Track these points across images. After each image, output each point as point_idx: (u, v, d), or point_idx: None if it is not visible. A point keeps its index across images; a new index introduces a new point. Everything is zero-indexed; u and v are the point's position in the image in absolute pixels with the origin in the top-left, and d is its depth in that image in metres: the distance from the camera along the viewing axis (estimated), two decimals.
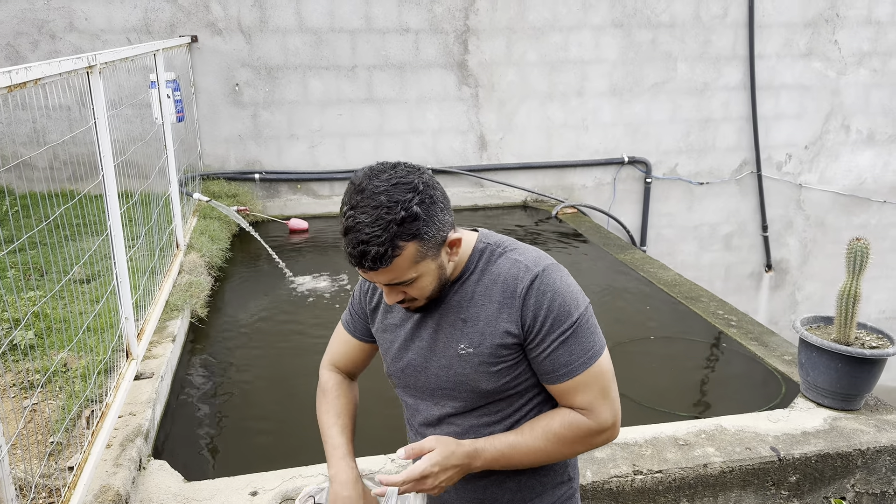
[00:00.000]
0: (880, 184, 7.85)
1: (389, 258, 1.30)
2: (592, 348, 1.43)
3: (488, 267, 1.46)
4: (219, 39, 6.23)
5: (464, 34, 6.59)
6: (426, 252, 1.35)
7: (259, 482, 2.50)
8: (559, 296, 1.41)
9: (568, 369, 1.41)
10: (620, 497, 2.56)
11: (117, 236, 2.91)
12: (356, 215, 1.30)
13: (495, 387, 1.45)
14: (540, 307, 1.39)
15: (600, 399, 1.43)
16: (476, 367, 1.44)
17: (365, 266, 1.32)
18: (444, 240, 1.38)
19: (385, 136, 6.67)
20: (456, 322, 1.46)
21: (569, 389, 1.43)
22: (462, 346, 1.45)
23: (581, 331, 1.41)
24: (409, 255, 1.32)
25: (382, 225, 1.28)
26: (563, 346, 1.41)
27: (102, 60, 2.82)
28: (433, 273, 1.39)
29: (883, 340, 3.04)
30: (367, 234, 1.28)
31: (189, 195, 5.42)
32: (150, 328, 3.42)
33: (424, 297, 1.43)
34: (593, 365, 1.42)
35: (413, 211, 1.30)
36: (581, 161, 7.14)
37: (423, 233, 1.32)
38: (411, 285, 1.39)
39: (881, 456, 2.77)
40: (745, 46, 7.08)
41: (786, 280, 7.94)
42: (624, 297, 4.66)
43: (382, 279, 1.37)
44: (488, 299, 1.44)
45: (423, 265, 1.36)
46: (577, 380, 1.42)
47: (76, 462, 2.30)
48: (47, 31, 5.96)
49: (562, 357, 1.41)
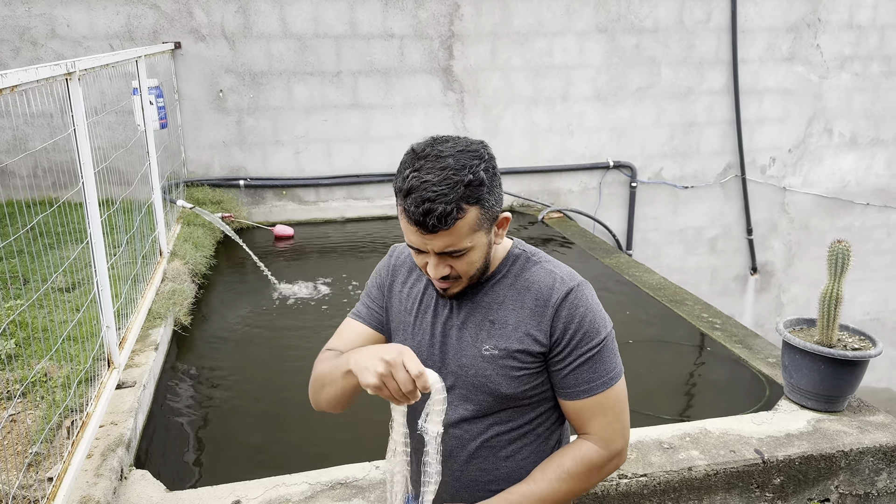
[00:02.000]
0: (863, 186, 7.92)
1: (453, 219, 1.28)
2: (614, 370, 1.45)
3: (522, 273, 1.47)
4: (202, 46, 6.20)
5: (449, 40, 6.60)
6: (483, 222, 1.35)
7: (242, 491, 2.48)
8: (591, 312, 1.43)
9: (589, 386, 1.43)
10: (605, 501, 2.56)
11: (98, 244, 2.89)
12: (421, 175, 1.28)
13: (514, 392, 1.44)
14: (571, 321, 1.41)
15: (615, 423, 1.45)
16: (499, 370, 1.43)
17: (428, 225, 1.29)
18: (497, 216, 1.39)
19: (371, 142, 6.67)
20: (483, 323, 1.46)
21: (585, 408, 1.44)
22: (487, 347, 1.44)
23: (606, 351, 1.44)
24: (469, 220, 1.31)
25: (450, 185, 1.27)
26: (588, 364, 1.42)
27: (82, 67, 2.80)
28: (483, 249, 1.39)
29: (865, 342, 3.06)
30: (434, 192, 1.27)
31: (173, 202, 5.39)
32: (132, 337, 3.39)
33: (468, 275, 1.40)
34: (613, 387, 1.44)
35: (480, 176, 1.30)
36: (567, 166, 7.16)
37: (485, 199, 1.32)
38: (461, 258, 1.36)
39: (864, 457, 2.78)
40: (728, 51, 7.13)
41: (771, 283, 7.99)
42: (609, 300, 4.67)
43: (439, 244, 1.33)
44: (519, 305, 1.44)
45: (478, 236, 1.35)
46: (595, 399, 1.43)
47: (56, 473, 2.27)
48: (28, 38, 5.91)
49: (584, 374, 1.43)
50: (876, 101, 7.64)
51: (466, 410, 1.48)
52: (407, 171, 1.31)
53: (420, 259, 1.41)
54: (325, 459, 2.67)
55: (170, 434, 3.08)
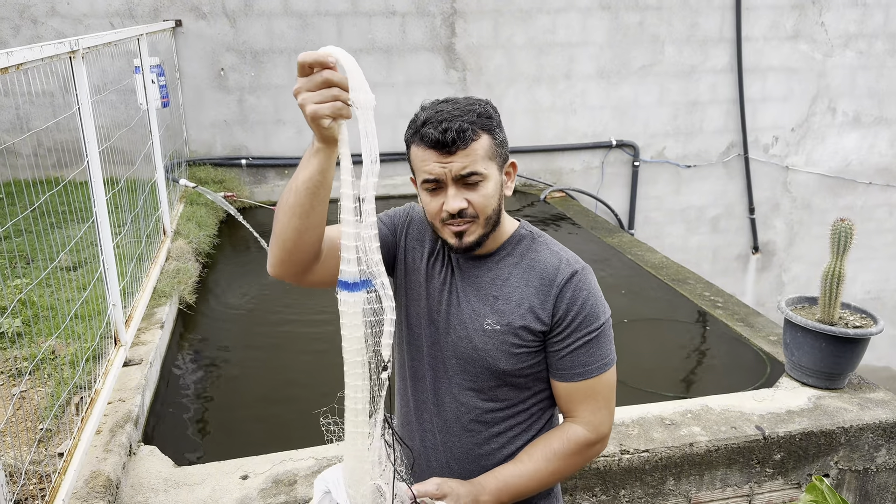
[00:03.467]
0: (866, 165, 7.90)
1: (470, 137, 1.36)
2: (609, 356, 1.49)
3: (528, 253, 1.49)
4: (203, 24, 6.16)
5: (451, 17, 6.55)
6: (495, 154, 1.41)
7: (250, 466, 2.52)
8: (592, 297, 1.46)
9: (584, 370, 1.46)
10: (608, 476, 2.59)
11: (103, 223, 2.90)
12: (436, 109, 1.40)
13: (511, 368, 1.46)
14: (574, 302, 1.43)
15: (604, 408, 1.49)
16: (499, 346, 1.45)
17: (448, 141, 1.34)
18: (506, 157, 1.46)
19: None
20: (487, 298, 1.47)
21: (578, 391, 1.47)
22: (489, 321, 1.45)
23: (603, 337, 1.47)
24: (484, 144, 1.39)
25: (463, 111, 1.38)
26: (586, 347, 1.45)
27: (85, 45, 2.79)
28: (497, 185, 1.42)
29: (866, 320, 3.08)
30: (451, 115, 1.36)
31: (175, 181, 5.39)
32: (138, 315, 3.41)
33: (484, 214, 1.40)
34: (606, 372, 1.48)
35: (488, 111, 1.42)
36: (569, 145, 7.14)
37: (495, 132, 1.41)
38: (477, 188, 1.39)
39: (864, 433, 2.81)
40: (732, 29, 7.08)
41: (772, 262, 8.00)
42: (611, 280, 4.69)
43: (457, 165, 1.36)
44: (524, 282, 1.46)
45: (491, 167, 1.40)
46: (589, 383, 1.46)
47: (66, 448, 2.30)
48: (29, 16, 5.88)
49: (581, 357, 1.45)
50: (880, 79, 7.60)
51: (463, 382, 1.49)
52: (419, 113, 1.42)
53: (436, 202, 1.39)
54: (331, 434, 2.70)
55: (177, 410, 3.11)
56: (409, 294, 1.56)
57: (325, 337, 3.83)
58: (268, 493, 2.38)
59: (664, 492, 2.68)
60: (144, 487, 2.41)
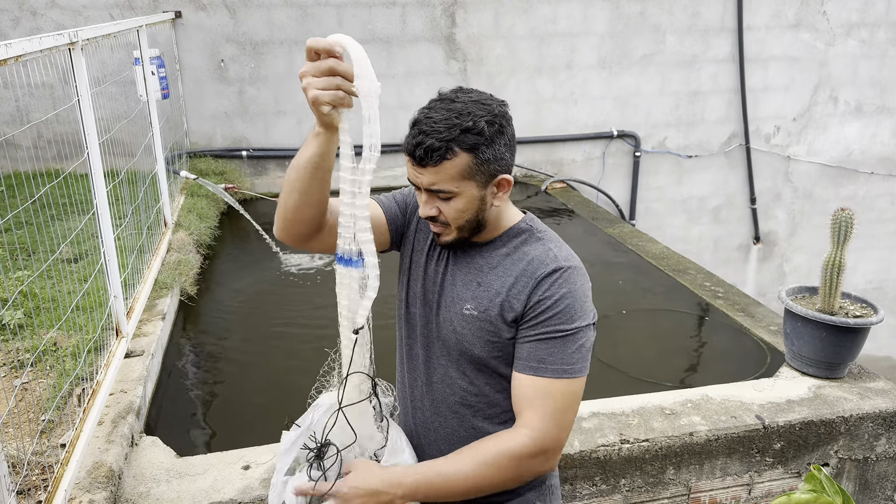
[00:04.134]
0: (868, 155, 7.88)
1: (440, 157, 1.32)
2: (573, 364, 1.38)
3: (522, 246, 1.47)
4: (203, 15, 6.15)
5: (451, 7, 6.53)
6: (475, 173, 1.36)
7: (251, 456, 2.53)
8: (571, 297, 1.39)
9: (539, 365, 1.38)
10: (608, 465, 2.60)
11: (104, 215, 2.90)
12: (429, 113, 1.35)
13: (485, 356, 1.46)
14: (550, 296, 1.38)
15: (550, 419, 1.36)
16: (475, 331, 1.45)
17: (416, 156, 1.34)
18: (494, 174, 1.39)
19: None
20: (471, 284, 1.47)
21: (527, 388, 1.38)
22: (468, 306, 1.46)
23: (572, 342, 1.38)
24: (459, 164, 1.34)
25: (448, 125, 1.32)
26: (548, 343, 1.38)
27: (85, 37, 2.78)
28: (473, 201, 1.39)
29: (867, 310, 3.08)
30: (431, 127, 1.32)
31: (176, 173, 5.39)
32: (139, 306, 3.42)
33: (455, 225, 1.42)
34: (563, 380, 1.37)
35: (479, 125, 1.33)
36: (570, 135, 7.13)
37: (480, 150, 1.34)
38: (447, 202, 1.38)
39: (864, 422, 2.82)
40: (733, 18, 7.05)
41: (774, 252, 7.99)
42: (612, 270, 4.69)
43: (426, 179, 1.36)
44: (508, 273, 1.44)
45: (466, 185, 1.37)
46: (542, 382, 1.37)
47: (68, 439, 2.31)
48: (28, 8, 5.86)
49: (540, 351, 1.38)
50: (882, 68, 7.57)
51: (449, 363, 1.51)
52: (420, 111, 1.38)
53: (419, 197, 1.44)
54: None
55: (178, 401, 3.13)
56: (411, 273, 1.58)
57: (327, 326, 3.84)
58: (269, 482, 2.38)
59: (664, 481, 2.69)
60: (146, 478, 2.42)
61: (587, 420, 2.72)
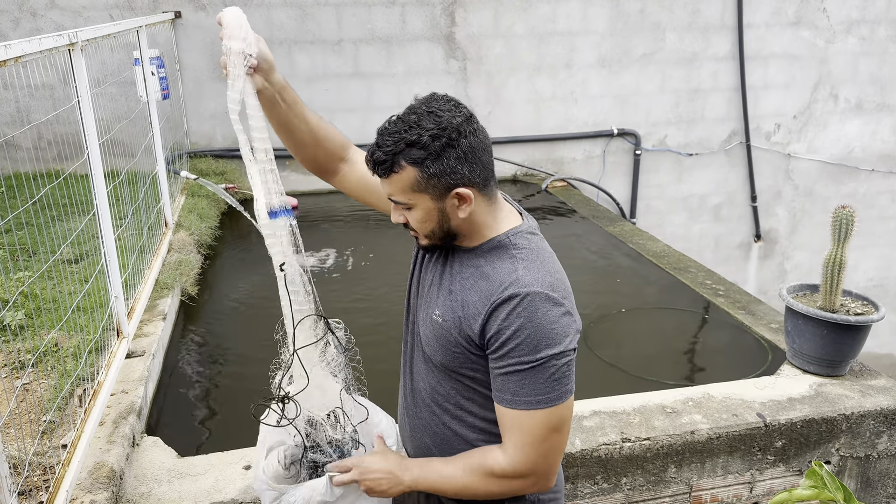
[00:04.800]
0: (868, 152, 7.87)
1: (387, 170, 1.36)
2: (549, 394, 1.35)
3: (493, 262, 1.42)
4: (202, 15, 6.14)
5: (451, 6, 6.52)
6: (425, 186, 1.36)
7: (253, 456, 2.52)
8: (531, 326, 1.33)
9: (513, 398, 1.37)
10: (609, 464, 2.60)
11: (104, 215, 2.90)
12: (387, 125, 1.38)
13: (446, 363, 1.46)
14: (508, 326, 1.34)
15: (528, 445, 1.37)
16: (437, 338, 1.46)
17: (370, 166, 1.39)
18: (449, 187, 1.36)
19: (373, 111, 6.63)
20: (444, 289, 1.47)
21: (505, 417, 1.39)
22: (437, 312, 1.46)
23: (542, 371, 1.34)
24: (406, 178, 1.36)
25: (396, 139, 1.34)
26: (517, 376, 1.35)
27: (84, 38, 2.78)
28: (431, 212, 1.40)
29: (868, 307, 3.08)
30: (382, 140, 1.36)
31: (176, 173, 5.39)
32: (140, 307, 3.42)
33: (422, 233, 1.45)
34: (539, 410, 1.35)
35: (422, 140, 1.33)
36: (570, 134, 7.12)
37: (425, 165, 1.34)
38: (409, 212, 1.42)
39: (865, 420, 2.82)
40: (733, 16, 7.05)
41: (775, 250, 7.99)
42: (613, 268, 4.69)
43: (385, 189, 1.42)
44: (473, 287, 1.42)
45: (418, 197, 1.38)
46: (516, 415, 1.37)
47: (70, 440, 2.31)
48: (28, 9, 5.86)
49: (511, 384, 1.36)
50: (882, 65, 7.56)
51: (423, 362, 1.55)
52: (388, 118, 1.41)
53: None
54: None
55: (179, 402, 3.13)
56: (415, 265, 1.62)
57: None
58: None
59: (665, 479, 2.69)
60: (148, 478, 2.42)
61: (588, 419, 2.72)
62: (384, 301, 4.21)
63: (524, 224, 1.48)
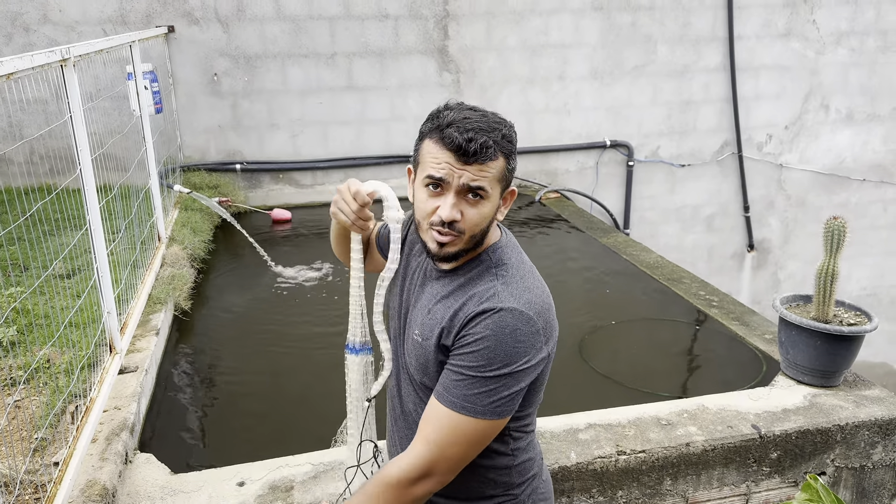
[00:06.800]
0: (859, 162, 7.92)
1: (491, 155, 1.36)
2: (475, 405, 1.35)
3: (474, 279, 1.44)
4: (196, 29, 6.16)
5: (444, 19, 6.56)
6: (504, 178, 1.42)
7: (246, 472, 2.51)
8: (494, 341, 1.34)
9: (443, 392, 1.38)
10: (605, 477, 2.59)
11: (97, 230, 2.89)
12: (463, 114, 1.38)
13: (428, 382, 1.47)
14: (471, 335, 1.36)
15: (435, 444, 1.36)
16: (418, 357, 1.48)
17: (469, 151, 1.34)
18: (509, 183, 1.46)
19: (366, 124, 6.64)
20: (424, 309, 1.49)
21: (429, 409, 1.40)
22: (416, 332, 1.48)
23: (481, 384, 1.35)
24: (498, 166, 1.39)
25: (491, 127, 1.37)
26: (457, 376, 1.37)
27: (76, 53, 2.78)
28: (494, 208, 1.43)
29: (861, 317, 3.09)
30: (478, 125, 1.36)
31: (170, 187, 5.38)
32: (133, 322, 3.41)
33: (472, 231, 1.40)
34: (462, 416, 1.35)
35: (511, 135, 1.42)
36: (563, 145, 7.15)
37: (511, 157, 1.42)
38: (476, 206, 1.38)
39: (860, 431, 2.82)
40: (724, 28, 7.10)
41: (768, 259, 8.01)
42: (607, 280, 4.69)
43: (469, 175, 1.36)
44: (452, 304, 1.43)
45: (496, 189, 1.41)
46: (439, 408, 1.38)
47: (61, 457, 2.29)
48: (21, 24, 5.87)
49: (447, 380, 1.39)
50: (872, 76, 7.63)
51: (407, 384, 1.55)
52: (445, 111, 1.41)
53: (431, 203, 1.40)
54: (327, 440, 2.70)
55: (173, 418, 3.11)
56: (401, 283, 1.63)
57: (321, 342, 3.83)
58: (264, 499, 2.37)
59: (661, 492, 2.69)
60: (141, 495, 2.40)
61: (584, 431, 2.72)
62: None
63: (503, 238, 1.51)
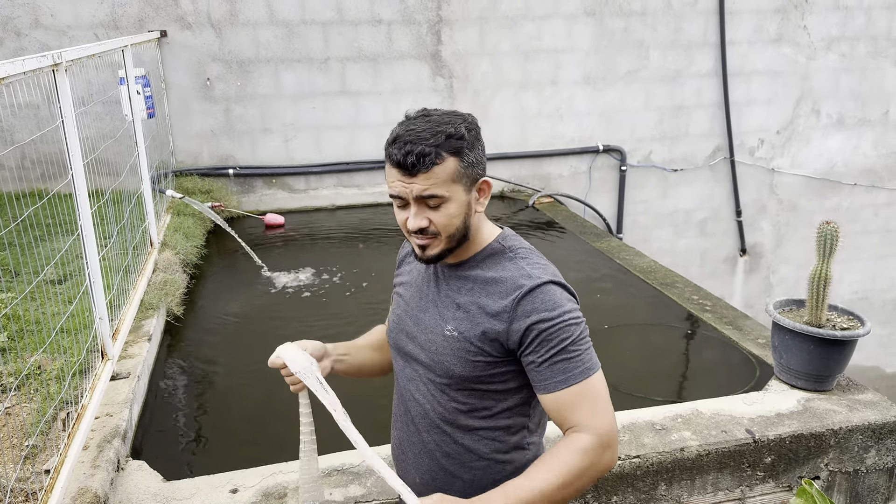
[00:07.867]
0: (850, 167, 7.96)
1: (431, 162, 1.38)
2: (590, 360, 1.44)
3: (495, 266, 1.50)
4: (188, 34, 6.15)
5: (437, 25, 6.57)
6: (462, 176, 1.43)
7: (239, 479, 2.50)
8: (557, 307, 1.42)
9: (565, 377, 1.42)
10: (599, 483, 2.59)
11: (89, 235, 2.87)
12: (409, 125, 1.42)
13: (468, 374, 1.49)
14: (534, 318, 1.41)
15: (600, 411, 1.42)
16: (456, 352, 1.48)
17: (408, 165, 1.38)
18: (477, 177, 1.47)
19: (360, 129, 6.64)
20: (450, 305, 1.52)
21: (565, 400, 1.42)
22: (449, 328, 1.50)
23: (578, 343, 1.43)
24: (448, 168, 1.40)
25: (432, 132, 1.40)
26: (560, 355, 1.42)
27: (68, 58, 2.77)
28: (461, 206, 1.44)
29: (854, 322, 3.10)
30: (417, 136, 1.39)
31: (162, 192, 5.36)
32: (125, 328, 3.39)
33: (447, 232, 1.45)
34: (591, 377, 1.43)
35: (460, 130, 1.42)
36: (556, 150, 7.16)
37: (464, 153, 1.42)
38: (439, 209, 1.42)
39: (853, 435, 2.83)
40: (716, 33, 7.13)
41: (760, 264, 8.04)
42: (600, 284, 4.70)
43: (418, 187, 1.40)
44: (486, 294, 1.47)
45: (456, 190, 1.42)
46: (575, 389, 1.42)
47: (53, 465, 2.27)
48: (12, 28, 5.84)
49: (559, 365, 1.42)
50: (863, 81, 7.67)
51: (430, 382, 1.55)
52: (397, 126, 1.45)
53: (402, 215, 1.47)
54: (321, 446, 2.68)
55: (165, 424, 3.09)
56: (396, 303, 1.67)
57: None
58: None
59: (656, 497, 2.68)
60: (133, 503, 2.38)
61: None
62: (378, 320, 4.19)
63: (507, 230, 1.59)
